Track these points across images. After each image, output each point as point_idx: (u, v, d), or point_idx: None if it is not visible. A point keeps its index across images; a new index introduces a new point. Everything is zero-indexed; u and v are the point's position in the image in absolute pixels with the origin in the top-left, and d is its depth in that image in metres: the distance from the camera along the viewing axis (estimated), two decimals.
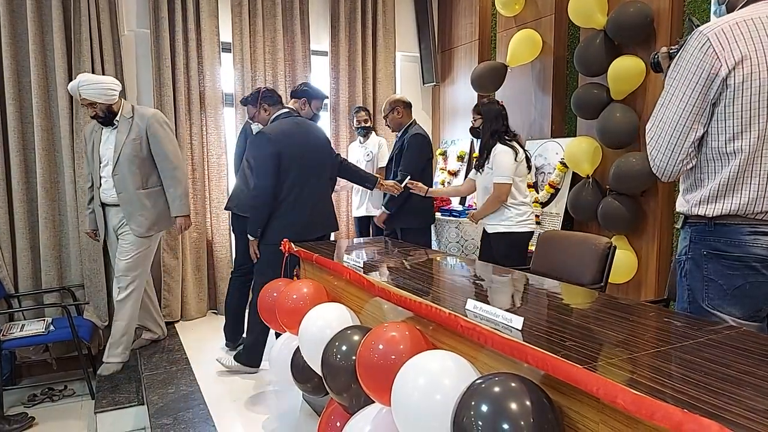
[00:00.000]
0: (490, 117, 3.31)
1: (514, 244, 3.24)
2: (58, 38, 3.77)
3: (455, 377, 1.34)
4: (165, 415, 2.72)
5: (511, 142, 3.25)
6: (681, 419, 0.88)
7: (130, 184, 3.26)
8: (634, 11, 3.27)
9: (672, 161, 1.60)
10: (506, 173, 3.16)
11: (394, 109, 3.93)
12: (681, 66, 1.55)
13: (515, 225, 3.22)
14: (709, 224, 1.59)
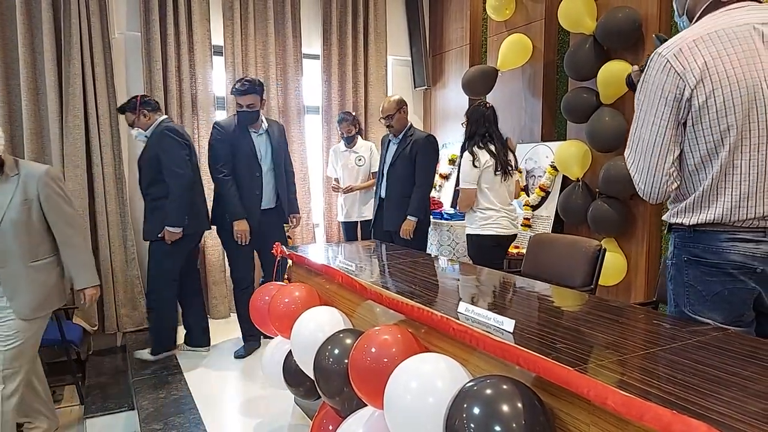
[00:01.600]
0: (473, 120, 3.39)
1: (478, 246, 3.39)
2: (48, 41, 3.75)
3: (447, 380, 1.35)
4: (156, 421, 2.70)
5: (483, 148, 3.28)
6: (670, 420, 0.89)
7: (16, 257, 2.54)
8: (622, 16, 3.31)
9: (656, 183, 1.59)
10: (467, 178, 3.30)
11: (401, 108, 3.74)
12: (646, 89, 1.55)
13: (478, 228, 3.35)
14: (689, 231, 1.60)
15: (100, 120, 3.96)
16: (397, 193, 3.72)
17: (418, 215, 3.64)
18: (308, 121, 4.84)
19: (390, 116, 3.71)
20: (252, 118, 3.45)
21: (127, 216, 4.11)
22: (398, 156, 3.72)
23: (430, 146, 3.71)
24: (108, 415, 3.03)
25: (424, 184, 3.68)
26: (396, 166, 3.74)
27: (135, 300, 4.16)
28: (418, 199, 3.64)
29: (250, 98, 3.38)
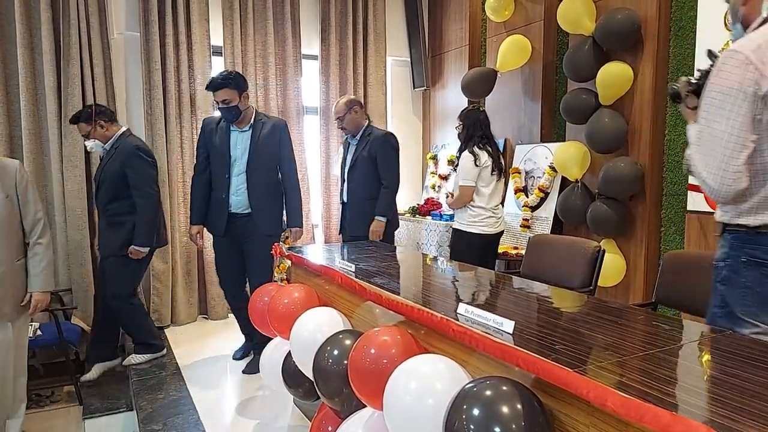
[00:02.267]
0: (468, 123, 3.53)
1: (462, 242, 3.52)
2: (47, 41, 3.74)
3: (447, 381, 1.35)
4: (154, 421, 2.70)
5: (482, 149, 3.44)
6: (670, 421, 0.89)
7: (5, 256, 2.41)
8: (622, 18, 3.31)
9: (726, 181, 1.54)
10: (467, 176, 3.41)
11: (351, 109, 3.59)
12: (721, 85, 1.54)
13: (466, 225, 3.48)
14: (749, 232, 1.58)
15: None
16: (358, 197, 3.60)
17: (386, 215, 3.53)
18: (307, 122, 4.84)
19: (340, 118, 3.62)
20: (231, 114, 3.17)
21: None
22: (357, 157, 3.60)
23: (388, 144, 3.57)
24: (107, 416, 3.03)
25: (390, 183, 3.54)
26: (356, 168, 3.61)
27: None
28: (386, 199, 3.53)
29: (222, 93, 3.10)
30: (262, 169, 3.25)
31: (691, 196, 3.08)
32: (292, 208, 3.34)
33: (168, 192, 4.21)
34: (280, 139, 3.30)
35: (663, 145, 3.40)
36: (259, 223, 3.25)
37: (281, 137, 3.30)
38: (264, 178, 3.26)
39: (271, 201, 3.30)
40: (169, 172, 4.22)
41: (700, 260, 2.15)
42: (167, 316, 4.25)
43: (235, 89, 3.12)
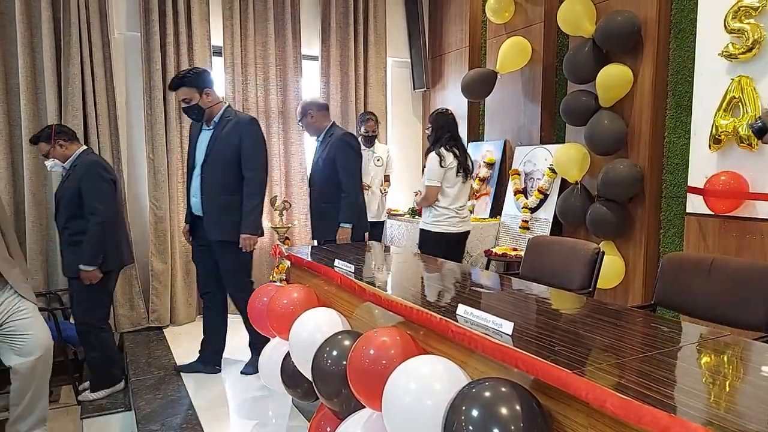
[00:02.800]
0: (437, 126, 3.56)
1: (428, 241, 3.52)
2: (47, 40, 3.74)
3: (446, 382, 1.35)
4: (152, 421, 2.70)
5: (449, 150, 3.46)
6: (668, 423, 0.90)
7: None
8: (622, 20, 3.32)
9: None
10: (433, 177, 3.44)
11: (307, 113, 3.48)
12: None
13: (430, 224, 3.52)
14: None
15: (99, 120, 3.95)
16: (319, 201, 3.52)
17: (350, 221, 3.40)
18: None
19: (299, 122, 3.59)
20: (192, 112, 3.04)
21: (125, 216, 4.10)
22: (318, 160, 3.53)
23: (346, 145, 3.42)
24: (105, 416, 3.03)
25: (349, 187, 3.40)
26: (317, 172, 3.54)
27: (133, 300, 4.15)
28: (347, 204, 3.39)
29: (181, 92, 2.99)
30: (217, 171, 3.04)
31: (690, 199, 3.08)
32: (245, 214, 3.03)
33: (168, 192, 4.20)
34: (242, 139, 3.02)
35: (663, 148, 3.40)
36: (209, 227, 3.08)
37: (243, 136, 3.02)
38: (218, 180, 3.04)
39: (224, 205, 3.05)
40: (170, 172, 4.21)
41: (699, 262, 2.16)
42: (166, 316, 4.25)
43: (193, 87, 2.99)
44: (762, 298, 1.92)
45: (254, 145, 3.06)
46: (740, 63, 2.78)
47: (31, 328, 2.44)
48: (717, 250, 2.92)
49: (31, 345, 2.43)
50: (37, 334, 2.45)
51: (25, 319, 2.42)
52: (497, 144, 4.56)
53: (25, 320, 2.42)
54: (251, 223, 3.04)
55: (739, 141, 2.76)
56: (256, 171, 3.06)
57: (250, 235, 3.04)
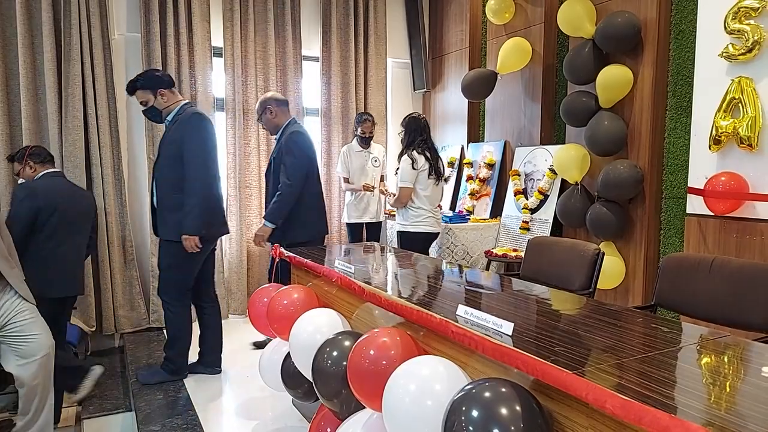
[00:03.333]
0: (409, 130, 3.73)
1: (409, 240, 3.66)
2: (48, 41, 3.75)
3: (446, 383, 1.35)
4: (153, 422, 2.70)
5: (420, 153, 3.62)
6: (668, 424, 0.90)
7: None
8: (622, 21, 3.32)
9: None
10: (406, 179, 3.61)
11: (266, 109, 3.41)
12: None
13: (409, 225, 3.67)
14: None
15: (100, 121, 3.96)
16: (271, 199, 3.40)
17: (273, 221, 3.28)
18: (308, 124, 4.84)
19: (259, 119, 3.51)
20: (151, 115, 3.06)
21: (126, 217, 4.11)
22: (272, 158, 3.45)
23: (291, 144, 3.31)
24: (105, 416, 3.03)
25: (283, 186, 3.26)
26: (270, 170, 3.45)
27: (133, 301, 4.16)
28: (277, 203, 3.26)
29: (138, 95, 3.00)
30: (164, 170, 3.00)
31: (690, 199, 3.08)
32: (184, 214, 2.92)
33: None
34: (183, 137, 2.94)
35: (662, 148, 3.40)
36: (159, 225, 3.06)
37: (184, 134, 2.94)
38: (167, 179, 2.99)
39: (169, 204, 2.99)
40: None
41: (699, 263, 2.16)
42: None
43: (147, 89, 2.98)
44: (762, 298, 1.92)
45: (197, 142, 2.95)
46: (740, 64, 2.78)
47: (33, 329, 2.44)
48: (717, 251, 2.93)
49: (35, 347, 2.43)
50: (40, 335, 2.45)
51: (27, 320, 2.41)
52: (497, 145, 4.56)
53: (28, 321, 2.42)
54: (191, 223, 2.91)
55: (739, 142, 2.76)
56: (196, 169, 2.93)
57: (188, 236, 2.92)
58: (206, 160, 2.97)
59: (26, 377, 2.40)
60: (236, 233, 4.48)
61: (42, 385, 2.46)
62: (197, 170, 2.93)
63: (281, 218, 3.30)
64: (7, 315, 2.36)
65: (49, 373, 2.50)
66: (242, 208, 4.51)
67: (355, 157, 4.51)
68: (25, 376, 2.40)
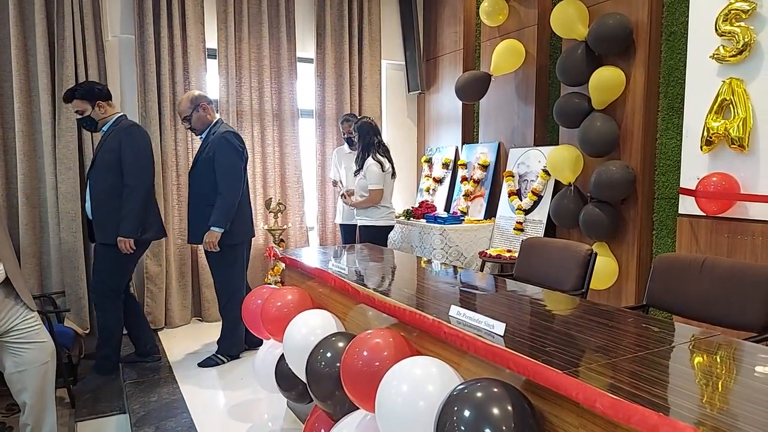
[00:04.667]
0: (363, 133, 3.97)
1: (376, 234, 3.95)
2: (41, 43, 3.74)
3: (438, 383, 1.36)
4: (147, 424, 2.69)
5: (383, 156, 3.95)
6: (657, 422, 0.91)
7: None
8: (614, 23, 3.34)
9: None
10: (377, 181, 3.90)
11: (198, 106, 3.34)
12: None
13: (374, 220, 3.99)
14: None
15: None
16: (197, 202, 3.36)
17: (220, 226, 3.24)
18: (302, 125, 4.84)
19: (187, 118, 3.39)
20: (86, 124, 3.22)
21: None
22: (198, 158, 3.38)
23: (227, 144, 3.27)
24: (99, 419, 3.02)
25: (224, 189, 3.24)
26: (197, 170, 3.38)
27: None
28: (220, 207, 3.23)
29: (74, 105, 3.14)
30: (102, 176, 3.16)
31: (682, 200, 3.10)
32: (121, 217, 3.13)
33: (163, 194, 4.19)
34: (121, 146, 3.12)
35: (654, 149, 3.42)
36: (96, 230, 3.22)
37: (122, 143, 3.13)
38: (104, 185, 3.16)
39: (106, 209, 3.16)
40: (164, 174, 4.21)
41: (690, 263, 2.17)
42: (161, 318, 4.24)
43: (85, 99, 3.11)
44: (752, 298, 1.93)
45: (131, 151, 3.15)
46: (731, 65, 2.80)
47: (36, 337, 2.43)
48: (709, 251, 2.95)
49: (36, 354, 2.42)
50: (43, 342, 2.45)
51: (31, 328, 2.41)
52: (491, 146, 4.58)
53: (32, 328, 2.41)
54: (128, 226, 3.14)
55: (730, 143, 2.79)
56: (134, 177, 3.15)
57: (124, 238, 3.14)
58: (146, 168, 3.24)
59: (26, 384, 2.39)
60: None
61: (44, 393, 2.45)
62: (137, 177, 3.17)
63: (229, 221, 3.27)
64: (12, 321, 2.35)
65: (50, 381, 2.49)
66: None
67: (344, 159, 4.49)
68: (25, 383, 2.38)
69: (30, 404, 2.41)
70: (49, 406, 2.49)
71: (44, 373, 2.43)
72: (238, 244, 3.41)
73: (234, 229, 3.34)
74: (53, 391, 2.51)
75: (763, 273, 1.94)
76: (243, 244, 3.49)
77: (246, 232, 3.50)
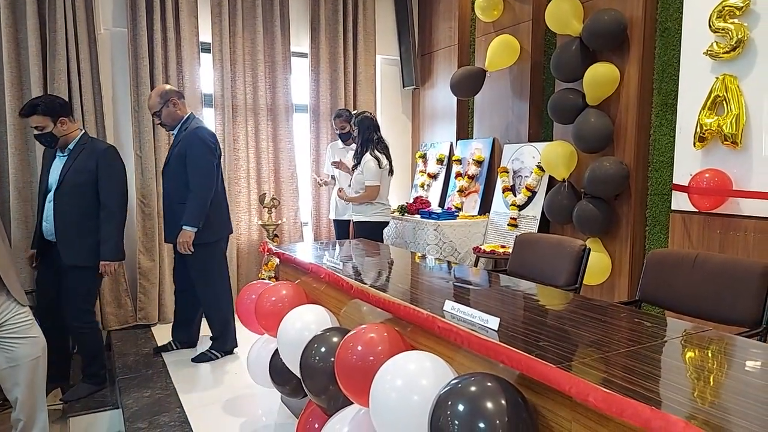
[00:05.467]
0: (363, 128, 3.95)
1: (371, 229, 3.97)
2: (33, 36, 3.70)
3: (432, 378, 1.36)
4: (140, 419, 2.69)
5: (381, 152, 3.95)
6: (649, 416, 0.91)
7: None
8: (608, 19, 3.34)
9: None
10: (374, 178, 3.91)
11: (169, 101, 3.29)
12: None
13: (369, 216, 4.01)
14: None
15: (86, 117, 3.92)
16: (171, 200, 3.33)
17: (193, 225, 3.19)
18: (296, 120, 4.83)
19: (157, 113, 3.32)
20: (45, 140, 2.98)
21: None
22: (172, 154, 3.33)
23: (200, 141, 3.22)
24: (92, 414, 3.01)
25: (196, 187, 3.19)
26: (170, 167, 3.32)
27: (120, 298, 4.12)
28: (192, 205, 3.19)
29: (33, 120, 2.93)
30: (71, 197, 2.99)
31: (675, 196, 3.12)
32: (103, 240, 3.02)
33: (156, 190, 4.16)
34: (98, 166, 3.03)
35: (648, 145, 3.44)
36: (63, 251, 2.99)
37: (99, 164, 3.03)
38: (73, 206, 3.00)
39: (80, 230, 3.01)
40: (157, 169, 4.18)
41: (683, 259, 2.18)
42: (154, 314, 4.22)
43: (46, 115, 2.93)
44: (743, 293, 1.95)
45: (109, 172, 3.06)
46: (724, 62, 2.81)
47: (28, 332, 2.42)
48: (701, 247, 2.96)
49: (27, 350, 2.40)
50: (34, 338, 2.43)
51: (23, 323, 2.39)
52: (486, 142, 4.58)
53: (24, 323, 2.40)
54: (111, 248, 3.04)
55: (723, 139, 2.80)
56: (112, 198, 3.05)
57: (110, 262, 3.04)
58: (121, 190, 3.12)
59: (18, 380, 2.38)
60: None
61: (36, 387, 2.44)
62: (116, 198, 3.08)
63: (201, 219, 3.23)
64: (4, 316, 2.33)
65: (41, 376, 2.48)
66: (231, 205, 4.48)
67: (338, 155, 4.46)
68: (17, 378, 2.37)
69: (22, 399, 2.40)
70: (40, 401, 2.48)
71: (35, 367, 2.42)
72: (213, 242, 3.37)
73: (210, 227, 3.29)
74: (44, 386, 2.50)
75: (754, 268, 1.95)
76: (220, 242, 3.47)
77: (222, 229, 3.47)
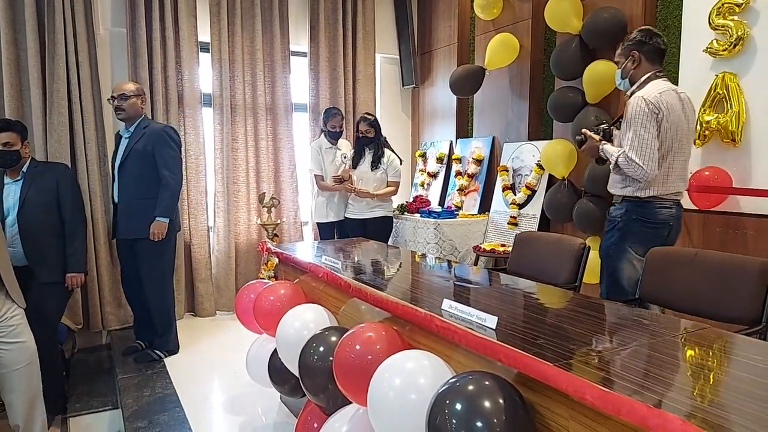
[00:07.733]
0: (378, 129, 4.18)
1: (387, 225, 4.24)
2: (32, 37, 3.69)
3: (430, 377, 1.36)
4: (140, 419, 2.69)
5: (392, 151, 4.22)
6: (646, 414, 0.91)
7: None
8: (608, 17, 3.34)
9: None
10: (400, 174, 4.25)
11: (140, 96, 3.44)
12: (639, 119, 2.38)
13: (390, 211, 4.30)
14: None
15: (85, 117, 3.92)
16: (128, 196, 3.37)
17: (167, 215, 3.35)
18: (296, 119, 4.82)
19: (124, 96, 3.35)
20: (10, 157, 2.97)
21: (111, 214, 4.07)
22: (129, 152, 3.37)
23: (169, 138, 3.38)
24: (92, 414, 3.01)
25: (170, 181, 3.34)
26: (127, 165, 3.38)
27: (120, 298, 4.12)
28: (166, 197, 3.33)
29: (6, 135, 2.94)
30: (33, 218, 3.02)
31: None
32: (69, 255, 3.11)
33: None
34: (59, 184, 3.11)
35: None
36: (38, 271, 3.00)
37: (60, 184, 3.12)
38: (37, 225, 3.03)
39: (47, 249, 3.06)
40: None
41: (682, 257, 2.18)
42: None
43: (18, 134, 3.01)
44: (743, 291, 1.94)
45: (73, 190, 3.22)
46: (724, 59, 2.81)
47: (20, 335, 2.41)
48: (701, 245, 2.96)
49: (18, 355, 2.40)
50: (24, 342, 2.43)
51: (16, 325, 2.39)
52: (485, 140, 4.57)
53: (17, 326, 2.39)
54: (76, 263, 3.15)
55: (723, 137, 2.79)
56: (73, 213, 3.16)
57: (75, 274, 3.15)
58: (81, 205, 3.30)
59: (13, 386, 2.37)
60: (224, 229, 4.46)
61: (31, 394, 2.44)
62: (80, 213, 3.25)
63: (173, 211, 3.43)
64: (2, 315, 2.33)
65: (36, 383, 2.47)
66: (230, 204, 4.49)
67: (326, 154, 4.34)
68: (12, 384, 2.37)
69: (16, 405, 2.40)
70: (38, 406, 2.48)
71: (29, 375, 2.41)
72: (172, 235, 3.51)
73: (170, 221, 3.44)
74: (41, 390, 2.49)
75: (754, 266, 1.94)
76: (174, 236, 3.56)
77: (177, 224, 3.59)
